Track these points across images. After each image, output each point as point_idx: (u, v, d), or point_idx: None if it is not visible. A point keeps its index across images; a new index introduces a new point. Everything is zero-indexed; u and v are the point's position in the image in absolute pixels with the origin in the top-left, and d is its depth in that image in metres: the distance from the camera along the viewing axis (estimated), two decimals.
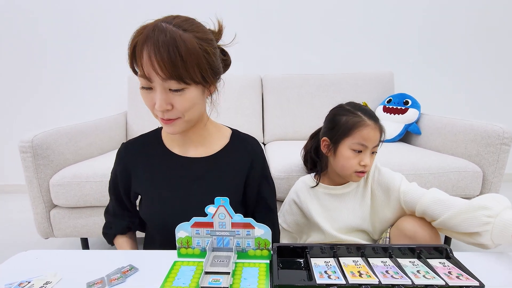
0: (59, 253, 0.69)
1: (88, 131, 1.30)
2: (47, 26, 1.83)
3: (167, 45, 0.56)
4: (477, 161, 1.14)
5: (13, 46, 1.87)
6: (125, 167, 0.75)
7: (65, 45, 1.86)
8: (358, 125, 0.79)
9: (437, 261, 0.60)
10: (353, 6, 1.83)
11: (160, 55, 0.56)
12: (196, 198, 0.71)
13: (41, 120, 1.96)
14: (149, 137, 0.78)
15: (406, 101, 1.55)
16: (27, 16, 1.83)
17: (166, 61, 0.56)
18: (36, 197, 1.08)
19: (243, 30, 1.84)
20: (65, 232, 1.12)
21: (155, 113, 0.64)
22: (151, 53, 0.56)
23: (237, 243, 0.62)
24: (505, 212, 0.65)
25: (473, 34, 1.86)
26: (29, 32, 1.85)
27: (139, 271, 0.60)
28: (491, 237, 0.65)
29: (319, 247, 0.63)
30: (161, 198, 0.72)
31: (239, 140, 0.77)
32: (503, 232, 0.63)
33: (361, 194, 0.88)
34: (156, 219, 0.73)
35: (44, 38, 1.85)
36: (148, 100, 0.63)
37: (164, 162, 0.73)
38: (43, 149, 1.05)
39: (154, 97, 0.61)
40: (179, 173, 0.73)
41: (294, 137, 1.65)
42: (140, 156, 0.75)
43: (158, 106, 0.60)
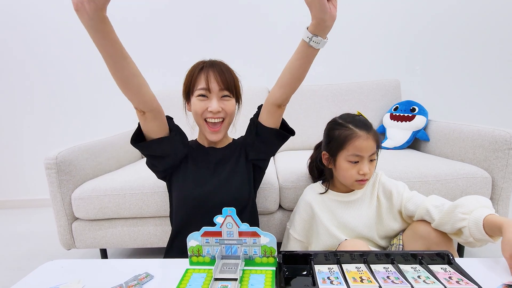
0: (82, 262, 0.75)
1: (106, 147, 1.38)
2: (67, 44, 1.97)
3: (225, 68, 0.87)
4: (485, 167, 1.13)
5: (39, 66, 2.02)
6: (184, 148, 0.90)
7: (83, 60, 1.99)
8: (350, 138, 0.83)
9: (438, 267, 0.61)
10: (358, 16, 1.86)
11: (221, 73, 0.85)
12: (221, 176, 0.90)
13: (63, 136, 2.09)
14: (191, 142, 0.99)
15: (413, 108, 1.56)
16: (47, 34, 1.97)
17: (225, 77, 0.85)
18: (59, 211, 1.15)
19: (249, 41, 1.91)
20: (85, 243, 1.18)
21: (204, 117, 0.86)
22: (216, 72, 0.85)
23: (244, 251, 0.66)
24: (479, 210, 0.70)
25: (479, 40, 1.86)
26: (52, 49, 1.99)
27: (154, 278, 0.65)
28: (470, 233, 0.69)
29: (323, 254, 0.66)
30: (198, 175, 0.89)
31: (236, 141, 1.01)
32: (477, 227, 0.68)
33: (367, 201, 0.91)
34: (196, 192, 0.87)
35: (63, 54, 1.98)
36: (201, 105, 0.85)
37: (199, 152, 0.94)
38: (66, 165, 1.13)
39: (208, 103, 0.85)
40: (205, 159, 0.92)
41: (302, 147, 1.68)
42: (191, 150, 0.93)
43: (214, 108, 0.84)
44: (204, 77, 0.84)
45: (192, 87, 0.86)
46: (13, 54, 2.01)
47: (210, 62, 0.87)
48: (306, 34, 0.70)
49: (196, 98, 0.86)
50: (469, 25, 1.85)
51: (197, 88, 0.85)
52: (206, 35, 1.91)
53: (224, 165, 0.92)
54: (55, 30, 1.96)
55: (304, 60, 0.75)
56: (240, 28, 1.91)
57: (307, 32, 0.70)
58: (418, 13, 1.85)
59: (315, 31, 0.69)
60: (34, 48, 1.99)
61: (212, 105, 0.84)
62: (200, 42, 1.92)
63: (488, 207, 0.71)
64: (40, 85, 2.04)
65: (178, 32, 1.92)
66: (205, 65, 0.86)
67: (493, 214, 0.68)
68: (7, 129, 2.12)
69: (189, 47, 1.93)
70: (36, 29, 1.97)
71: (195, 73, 0.86)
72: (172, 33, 1.92)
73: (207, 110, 0.85)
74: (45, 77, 2.03)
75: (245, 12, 1.88)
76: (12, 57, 2.02)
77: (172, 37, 1.92)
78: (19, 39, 1.99)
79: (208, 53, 1.94)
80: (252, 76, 1.93)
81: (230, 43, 1.92)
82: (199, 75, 0.85)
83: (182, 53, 1.93)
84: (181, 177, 0.89)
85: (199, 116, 0.87)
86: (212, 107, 0.84)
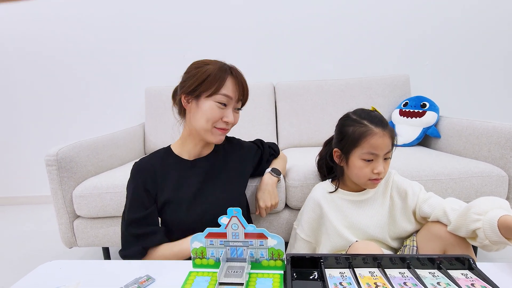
0: (81, 263, 0.72)
1: (108, 144, 1.35)
2: (68, 39, 1.94)
3: (244, 79, 0.84)
4: (501, 165, 1.08)
5: (38, 63, 1.99)
6: (145, 181, 0.82)
7: (85, 59, 1.96)
8: (365, 135, 0.78)
9: (459, 273, 0.57)
10: (366, 10, 1.81)
11: (245, 85, 0.84)
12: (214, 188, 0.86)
13: (64, 133, 2.07)
14: (160, 152, 0.89)
15: (424, 104, 1.51)
16: (51, 31, 1.95)
17: (247, 90, 0.85)
18: (60, 208, 1.13)
19: (255, 38, 1.87)
20: (87, 241, 1.16)
21: (216, 125, 0.82)
22: (241, 83, 0.82)
23: (250, 254, 0.62)
24: (494, 210, 0.65)
25: (492, 33, 1.79)
26: (53, 48, 1.96)
27: (156, 281, 0.62)
28: (485, 235, 0.65)
29: (334, 257, 0.62)
30: (187, 198, 0.82)
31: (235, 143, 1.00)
32: (492, 229, 0.64)
33: (380, 201, 0.87)
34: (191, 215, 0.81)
35: (67, 53, 1.96)
36: (218, 113, 0.80)
37: (177, 167, 0.86)
38: (66, 162, 1.11)
39: (225, 112, 0.81)
40: (193, 173, 0.86)
41: (309, 144, 1.64)
42: (157, 169, 0.84)
43: (231, 120, 0.82)
44: (235, 85, 0.80)
45: (214, 89, 0.78)
46: (15, 50, 1.99)
47: (236, 70, 0.83)
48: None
49: (215, 104, 0.79)
50: (481, 18, 1.78)
51: (221, 93, 0.78)
52: (210, 30, 1.87)
53: (217, 173, 0.88)
54: (57, 26, 1.93)
55: None
56: (245, 23, 1.86)
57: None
58: (428, 6, 1.78)
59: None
60: (36, 44, 1.97)
61: (229, 116, 0.81)
62: (203, 38, 1.88)
63: (504, 208, 0.67)
64: (43, 81, 2.02)
65: (182, 28, 1.88)
66: (233, 71, 0.82)
67: (508, 215, 0.63)
68: (8, 125, 2.11)
69: (192, 42, 1.89)
70: (38, 25, 1.94)
71: (222, 75, 0.79)
72: (175, 28, 1.88)
73: (221, 120, 0.81)
74: (48, 73, 2.01)
75: (250, 7, 1.83)
76: (13, 53, 2.00)
77: (175, 32, 1.89)
78: (20, 36, 1.97)
79: (213, 49, 1.92)
80: (258, 72, 1.89)
81: (236, 38, 1.87)
82: (228, 80, 0.79)
83: (186, 49, 1.89)
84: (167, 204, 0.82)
85: (210, 122, 0.80)
86: (228, 118, 0.81)
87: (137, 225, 0.79)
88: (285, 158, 1.14)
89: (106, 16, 1.89)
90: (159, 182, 0.82)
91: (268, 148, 1.06)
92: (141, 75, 1.95)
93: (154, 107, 1.72)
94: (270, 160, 1.06)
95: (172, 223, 0.82)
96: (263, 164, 1.03)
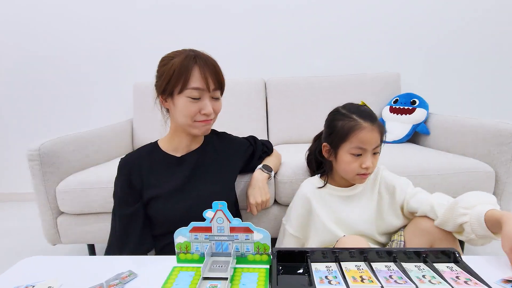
0: (61, 259, 0.69)
1: (94, 139, 1.32)
2: (53, 33, 1.89)
3: (212, 63, 0.77)
4: (488, 161, 1.09)
5: (21, 54, 1.93)
6: (130, 177, 0.80)
7: (72, 53, 1.91)
8: (354, 129, 0.78)
9: (444, 266, 0.57)
10: (357, 7, 1.81)
11: (215, 71, 0.77)
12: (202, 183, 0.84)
13: (49, 128, 2.01)
14: (146, 147, 0.87)
15: (414, 101, 1.52)
16: (33, 23, 1.89)
17: (219, 76, 0.78)
18: (43, 204, 1.10)
19: (246, 33, 1.85)
20: (71, 238, 1.13)
21: (195, 118, 0.78)
22: (211, 70, 0.75)
23: (236, 248, 0.61)
24: (481, 205, 0.66)
25: (481, 32, 1.81)
26: (35, 40, 1.90)
27: (138, 277, 0.60)
28: (472, 229, 0.66)
29: (320, 251, 0.61)
30: (174, 193, 0.81)
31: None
32: (479, 223, 0.64)
33: (368, 196, 0.87)
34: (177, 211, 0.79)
35: (51, 46, 1.90)
36: (194, 108, 0.76)
37: (164, 163, 0.84)
38: (49, 157, 1.07)
39: (200, 105, 0.76)
40: (180, 169, 0.84)
41: (299, 140, 1.63)
42: (143, 164, 0.82)
43: (209, 111, 0.77)
44: (201, 76, 0.74)
45: (182, 85, 0.74)
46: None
47: (203, 57, 0.76)
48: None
49: (187, 99, 0.75)
50: (470, 17, 1.80)
51: (190, 87, 0.74)
52: (201, 26, 1.84)
53: (205, 168, 0.86)
54: (42, 19, 1.87)
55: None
56: (236, 18, 1.84)
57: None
58: (419, 5, 1.80)
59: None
60: (20, 38, 1.91)
61: (206, 108, 0.77)
62: (194, 33, 1.85)
63: (491, 203, 0.67)
64: (27, 75, 1.96)
65: (171, 23, 1.85)
66: (197, 59, 0.75)
67: (494, 209, 0.64)
68: None
69: (182, 37, 1.86)
70: (22, 18, 1.88)
71: (187, 67, 0.74)
72: (165, 23, 1.85)
73: (199, 113, 0.77)
74: (32, 67, 1.94)
75: (241, 2, 1.81)
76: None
77: (164, 27, 1.85)
78: (1, 29, 1.90)
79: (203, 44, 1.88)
80: (249, 67, 1.87)
81: (227, 33, 1.85)
82: (193, 71, 0.74)
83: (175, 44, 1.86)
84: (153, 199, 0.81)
85: (189, 118, 0.78)
86: (206, 109, 0.77)
87: (124, 225, 0.79)
88: (278, 156, 1.12)
89: (94, 9, 1.85)
90: (144, 177, 0.81)
91: (261, 145, 1.04)
92: (129, 70, 1.91)
93: (142, 102, 1.69)
94: (262, 157, 1.05)
95: (158, 218, 0.80)
96: (255, 160, 1.01)
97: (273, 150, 1.10)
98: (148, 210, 0.81)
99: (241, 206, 1.02)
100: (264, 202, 0.94)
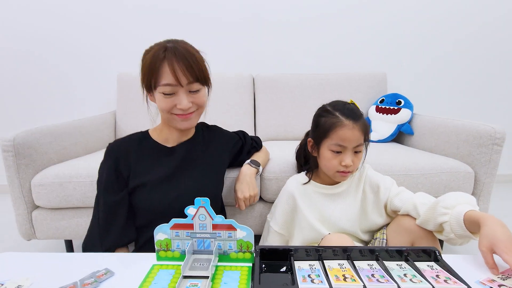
0: (35, 256, 0.66)
1: (73, 131, 1.26)
2: (34, 22, 1.79)
3: (190, 55, 0.72)
4: (469, 162, 1.12)
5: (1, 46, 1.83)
6: (117, 162, 0.78)
7: (53, 42, 1.82)
8: (334, 126, 0.78)
9: (425, 264, 0.58)
10: (347, 6, 1.81)
11: (187, 63, 0.71)
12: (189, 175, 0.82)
13: (30, 120, 1.92)
14: (136, 135, 0.85)
15: (399, 101, 1.54)
16: (13, 12, 1.79)
17: (192, 68, 0.72)
18: (17, 198, 1.04)
19: (235, 28, 1.82)
20: (47, 234, 1.08)
21: (172, 112, 0.76)
22: (181, 63, 0.71)
23: (218, 246, 0.60)
24: (461, 205, 0.67)
25: (466, 35, 1.86)
26: (15, 27, 1.80)
27: (115, 275, 0.58)
28: (451, 228, 0.67)
29: (304, 249, 0.61)
30: (162, 182, 0.79)
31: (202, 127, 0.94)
32: (458, 222, 0.65)
33: (353, 195, 0.87)
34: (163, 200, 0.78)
35: (31, 34, 1.81)
36: (168, 103, 0.74)
37: (154, 152, 0.82)
38: (25, 148, 1.02)
39: (176, 100, 0.73)
40: (170, 159, 0.82)
41: (286, 137, 1.62)
42: (132, 151, 0.80)
43: (184, 106, 0.73)
44: (169, 71, 0.70)
45: (154, 81, 0.72)
46: None
47: (172, 48, 0.71)
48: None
49: (161, 95, 0.73)
50: (456, 20, 1.84)
51: (161, 84, 0.71)
52: (189, 17, 1.79)
53: (194, 160, 0.84)
54: (18, 9, 1.77)
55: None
56: (226, 12, 1.80)
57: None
58: (406, 7, 1.82)
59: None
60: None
61: (182, 103, 0.73)
62: (181, 25, 1.80)
63: (471, 204, 0.69)
64: (5, 64, 1.85)
65: (158, 14, 1.79)
66: (166, 53, 0.71)
67: (473, 210, 0.65)
68: None
69: (169, 29, 1.81)
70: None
71: (156, 63, 0.71)
72: (151, 13, 1.79)
73: (176, 107, 0.74)
74: (10, 56, 1.84)
75: None
76: None
77: (150, 17, 1.80)
78: None
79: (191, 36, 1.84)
80: (237, 63, 1.85)
81: (216, 27, 1.81)
82: (162, 67, 0.70)
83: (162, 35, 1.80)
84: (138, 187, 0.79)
85: (165, 112, 0.76)
86: (182, 104, 0.73)
87: (107, 213, 0.76)
88: (267, 153, 1.12)
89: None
90: (132, 164, 0.79)
91: (250, 140, 1.03)
92: (113, 60, 1.84)
93: (126, 93, 1.63)
94: (251, 152, 1.04)
95: (142, 207, 0.78)
96: (244, 155, 1.00)
97: (262, 146, 1.09)
98: (132, 199, 0.78)
99: (226, 202, 1.00)
100: (252, 197, 0.93)
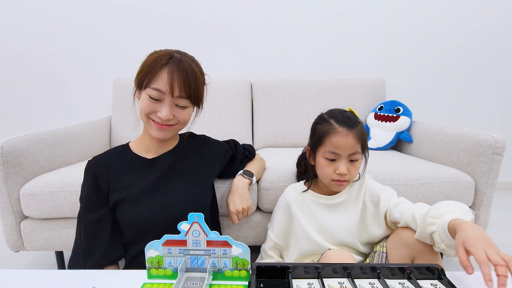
0: (18, 273, 0.62)
1: (67, 137, 1.23)
2: (28, 25, 1.77)
3: (191, 72, 0.72)
4: (469, 171, 1.11)
5: None
6: (96, 179, 0.76)
7: (47, 46, 1.79)
8: (328, 133, 0.77)
9: (428, 283, 0.55)
10: (346, 13, 1.81)
11: (186, 78, 0.71)
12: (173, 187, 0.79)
13: (20, 125, 1.88)
14: (116, 149, 0.83)
15: (398, 109, 1.53)
16: (7, 15, 1.76)
17: (189, 84, 0.71)
18: (5, 208, 1.01)
19: (233, 33, 1.81)
20: (36, 245, 1.04)
21: (150, 117, 0.74)
22: (180, 75, 0.70)
23: (212, 263, 0.57)
24: (449, 214, 0.64)
25: (465, 43, 1.86)
26: (8, 30, 1.77)
27: None
28: (440, 238, 0.64)
29: (303, 267, 0.58)
30: (143, 196, 0.76)
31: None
32: (444, 232, 0.63)
33: (352, 205, 0.85)
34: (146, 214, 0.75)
35: (25, 38, 1.78)
36: (150, 107, 0.72)
37: (134, 165, 0.80)
38: (14, 156, 0.99)
39: (158, 107, 0.72)
40: (151, 170, 0.79)
41: (284, 144, 1.60)
42: (111, 166, 0.78)
43: (164, 116, 0.71)
44: (166, 78, 0.70)
45: (147, 81, 0.71)
46: None
47: (177, 59, 0.71)
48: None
49: (147, 96, 0.71)
50: (456, 26, 1.84)
51: (151, 86, 0.70)
52: (186, 23, 1.78)
53: (178, 171, 0.81)
54: (14, 13, 1.75)
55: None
56: (223, 17, 1.79)
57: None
58: (406, 13, 1.82)
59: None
60: None
61: (162, 112, 0.71)
62: (178, 30, 1.79)
63: (461, 212, 0.65)
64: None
65: (154, 19, 1.77)
66: (170, 61, 0.71)
67: (458, 218, 0.61)
68: None
69: (166, 34, 1.79)
70: None
71: (156, 66, 0.70)
72: (147, 18, 1.77)
73: (155, 114, 0.72)
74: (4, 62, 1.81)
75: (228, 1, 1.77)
76: None
77: (147, 22, 1.78)
78: None
79: (188, 42, 1.83)
80: (235, 68, 1.83)
81: (214, 32, 1.80)
82: (161, 71, 0.70)
83: (159, 41, 1.79)
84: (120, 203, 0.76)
85: (143, 114, 0.74)
86: (162, 113, 0.71)
87: (88, 232, 0.74)
88: (262, 161, 1.08)
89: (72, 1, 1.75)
90: (112, 180, 0.76)
91: (242, 149, 0.99)
92: (109, 65, 1.82)
93: (122, 99, 1.60)
94: (244, 161, 1.00)
95: (124, 223, 0.75)
96: (236, 165, 0.97)
97: (256, 154, 1.06)
98: (115, 215, 0.76)
99: (222, 213, 0.97)
100: (245, 210, 0.89)
